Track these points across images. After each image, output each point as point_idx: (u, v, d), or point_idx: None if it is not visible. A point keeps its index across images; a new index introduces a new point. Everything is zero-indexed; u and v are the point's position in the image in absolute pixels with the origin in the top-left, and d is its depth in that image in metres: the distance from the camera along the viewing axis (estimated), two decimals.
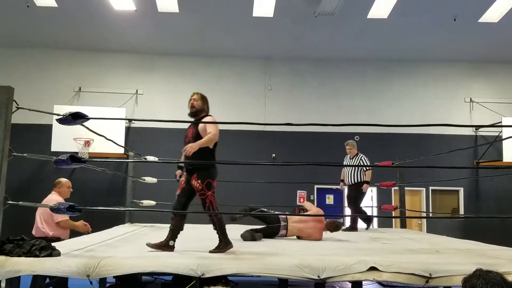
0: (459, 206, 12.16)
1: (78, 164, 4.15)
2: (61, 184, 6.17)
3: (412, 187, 11.20)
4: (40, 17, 10.81)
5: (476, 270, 2.28)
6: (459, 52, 12.14)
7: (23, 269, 3.40)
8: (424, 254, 4.44)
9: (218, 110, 11.90)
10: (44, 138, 10.33)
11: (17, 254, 3.52)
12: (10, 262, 3.42)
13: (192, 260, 3.59)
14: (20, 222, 9.50)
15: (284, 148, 11.81)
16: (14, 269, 3.39)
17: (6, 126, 3.60)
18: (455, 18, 10.74)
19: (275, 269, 3.60)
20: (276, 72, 12.47)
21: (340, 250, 4.72)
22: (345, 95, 12.36)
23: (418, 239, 6.34)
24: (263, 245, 5.18)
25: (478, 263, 3.05)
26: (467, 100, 12.48)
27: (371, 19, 10.82)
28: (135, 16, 10.78)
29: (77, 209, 3.86)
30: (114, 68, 12.25)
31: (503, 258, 4.20)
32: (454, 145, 8.47)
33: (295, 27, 11.16)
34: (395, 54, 12.29)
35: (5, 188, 3.60)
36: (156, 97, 12.10)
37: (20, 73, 11.78)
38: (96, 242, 4.83)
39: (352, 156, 8.00)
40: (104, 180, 11.19)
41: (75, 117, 4.02)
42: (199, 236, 5.95)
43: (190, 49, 12.17)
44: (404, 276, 3.57)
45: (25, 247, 3.58)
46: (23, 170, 11.08)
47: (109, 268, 3.44)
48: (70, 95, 11.91)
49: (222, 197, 10.51)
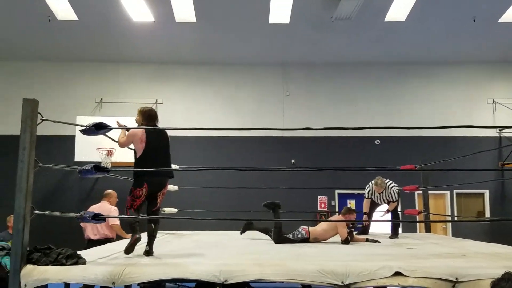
0: (484, 209, 11.90)
1: (102, 173, 4.22)
2: (111, 195, 7.41)
3: (436, 190, 11.01)
4: (61, 31, 11.08)
5: (505, 274, 2.24)
6: (479, 53, 11.95)
7: (50, 277, 3.47)
8: (450, 258, 4.35)
9: (237, 118, 12.04)
10: (68, 149, 10.55)
11: (44, 263, 3.59)
12: (38, 271, 3.49)
13: (215, 266, 3.60)
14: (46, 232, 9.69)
15: (303, 154, 11.79)
16: (42, 278, 3.46)
17: (31, 138, 3.68)
18: (474, 19, 10.57)
19: (298, 275, 3.57)
20: (293, 78, 12.48)
21: (364, 255, 4.66)
22: (363, 99, 12.29)
23: (443, 244, 6.22)
24: (285, 250, 5.16)
25: (506, 267, 2.98)
26: (490, 101, 12.26)
27: (388, 22, 10.75)
28: (153, 27, 10.95)
29: (101, 218, 3.92)
30: (133, 79, 12.45)
31: None
32: (477, 147, 8.34)
33: (312, 32, 11.16)
34: (414, 57, 12.17)
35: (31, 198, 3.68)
36: (175, 106, 12.24)
37: (44, 86, 12.07)
38: (121, 250, 4.88)
39: (380, 192, 7.32)
40: (126, 188, 11.22)
41: (98, 127, 4.09)
42: (223, 243, 5.96)
43: (208, 58, 12.29)
44: (430, 280, 3.50)
45: (51, 256, 3.65)
46: (47, 180, 11.32)
47: (134, 275, 3.48)
48: (92, 106, 12.14)
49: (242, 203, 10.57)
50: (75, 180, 11.51)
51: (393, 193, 7.31)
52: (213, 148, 11.84)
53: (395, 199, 7.35)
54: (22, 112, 3.71)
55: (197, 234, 7.70)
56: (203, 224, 9.45)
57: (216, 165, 9.72)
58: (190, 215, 8.84)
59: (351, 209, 6.57)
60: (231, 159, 11.39)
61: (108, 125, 4.16)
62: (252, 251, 5.02)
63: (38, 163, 3.79)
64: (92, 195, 11.62)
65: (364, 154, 11.78)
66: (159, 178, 4.64)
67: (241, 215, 6.69)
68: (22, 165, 3.61)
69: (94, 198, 11.43)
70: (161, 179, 4.67)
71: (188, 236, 7.32)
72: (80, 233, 8.25)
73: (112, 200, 7.35)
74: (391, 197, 7.32)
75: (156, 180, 4.60)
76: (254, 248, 5.35)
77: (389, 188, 7.30)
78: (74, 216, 3.88)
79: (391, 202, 7.37)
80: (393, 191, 7.31)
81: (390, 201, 7.35)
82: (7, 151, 11.07)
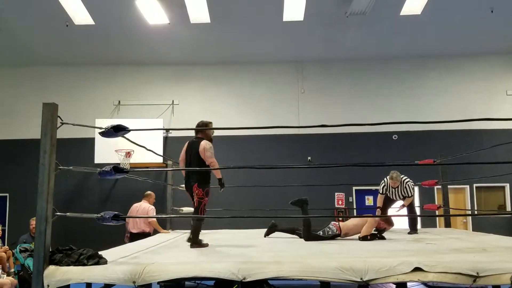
0: (505, 203, 11.68)
1: (121, 175, 4.28)
2: (150, 195, 8.54)
3: (455, 185, 10.85)
4: (79, 35, 11.26)
5: None
6: (498, 44, 11.72)
7: (72, 277, 3.54)
8: (470, 253, 4.31)
9: (253, 117, 12.07)
10: (87, 151, 10.72)
11: (66, 264, 3.66)
12: (60, 271, 3.56)
13: (234, 264, 3.63)
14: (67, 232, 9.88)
15: (320, 151, 11.74)
16: (64, 278, 3.53)
17: (52, 141, 3.76)
18: (492, 10, 10.36)
19: (316, 272, 3.57)
20: (309, 75, 12.44)
21: (383, 251, 4.64)
22: (379, 95, 12.17)
23: (463, 238, 6.14)
24: (303, 247, 5.17)
25: None
26: (510, 93, 12.02)
27: (404, 15, 10.62)
28: (169, 29, 11.04)
29: (121, 218, 3.99)
30: (150, 81, 12.57)
31: None
32: (497, 140, 8.18)
33: (326, 29, 11.10)
34: (431, 50, 12.00)
35: (53, 200, 3.76)
36: (191, 106, 12.32)
37: (62, 89, 12.29)
38: (140, 249, 4.96)
39: (395, 186, 7.29)
40: (145, 189, 11.44)
41: (116, 129, 4.16)
42: (240, 241, 5.99)
43: (223, 58, 12.34)
44: (451, 275, 3.47)
45: (73, 256, 3.72)
46: (68, 182, 11.53)
47: (153, 274, 3.53)
48: (110, 108, 12.31)
49: (259, 201, 10.58)
50: (96, 182, 11.69)
51: (409, 188, 7.25)
52: (229, 147, 11.88)
53: (411, 194, 7.29)
54: (42, 116, 3.78)
55: (216, 233, 7.77)
56: (221, 223, 9.52)
57: (233, 164, 9.75)
58: (208, 214, 8.90)
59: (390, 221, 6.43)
60: (247, 157, 11.42)
61: (126, 127, 4.22)
62: (270, 249, 5.03)
63: (59, 166, 3.87)
64: (112, 196, 11.81)
65: (381, 149, 11.66)
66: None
67: (258, 214, 6.71)
68: (43, 168, 3.69)
69: (115, 199, 11.65)
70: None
71: (206, 235, 7.37)
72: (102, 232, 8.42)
73: (150, 200, 8.45)
74: (406, 192, 7.26)
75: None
76: (272, 246, 5.37)
77: (404, 183, 7.25)
78: (94, 217, 3.95)
79: (407, 198, 7.30)
80: (409, 186, 7.25)
81: (405, 196, 7.29)
82: (29, 154, 11.34)
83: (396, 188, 7.28)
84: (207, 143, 5.45)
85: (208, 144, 5.44)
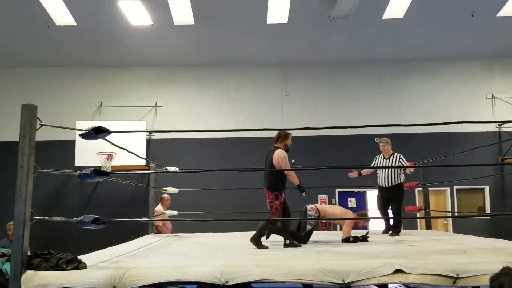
0: (485, 205, 11.89)
1: (102, 177, 4.23)
2: (163, 199, 8.70)
3: (436, 187, 10.99)
4: (60, 36, 11.10)
5: (503, 268, 2.24)
6: (478, 48, 11.94)
7: (51, 282, 3.47)
8: (450, 255, 4.36)
9: (236, 119, 12.05)
10: (68, 154, 10.58)
11: (44, 268, 3.59)
12: (38, 276, 3.49)
13: (216, 267, 3.61)
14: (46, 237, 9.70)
15: (303, 153, 11.77)
16: (43, 283, 3.46)
17: (30, 143, 3.69)
18: (472, 14, 10.57)
19: (298, 275, 3.58)
20: (293, 77, 12.49)
21: (364, 253, 4.67)
22: (363, 97, 12.29)
23: (444, 240, 6.22)
24: (286, 250, 5.17)
25: (506, 262, 2.97)
26: (489, 96, 12.25)
27: (386, 19, 10.75)
28: (152, 30, 10.97)
29: (101, 222, 3.93)
30: (133, 83, 12.47)
31: None
32: (477, 143, 8.33)
33: (310, 32, 11.17)
34: (413, 54, 12.16)
35: (31, 204, 3.68)
36: (175, 108, 12.26)
37: (43, 91, 12.10)
38: (121, 253, 4.90)
39: (388, 156, 7.20)
40: (127, 192, 11.36)
41: (97, 131, 4.10)
42: (224, 244, 5.97)
43: (207, 60, 12.30)
44: (431, 277, 3.51)
45: (52, 261, 3.65)
46: (48, 185, 11.34)
47: (134, 278, 3.49)
48: (92, 110, 12.16)
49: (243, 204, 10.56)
50: (76, 185, 11.53)
51: (403, 160, 7.15)
52: (213, 150, 11.86)
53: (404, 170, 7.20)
54: (21, 118, 3.72)
55: (198, 236, 7.71)
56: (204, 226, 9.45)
57: (216, 166, 9.72)
58: (191, 217, 8.86)
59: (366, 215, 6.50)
60: (231, 160, 11.40)
61: (107, 129, 4.17)
62: (253, 252, 5.02)
63: (38, 168, 3.80)
64: (93, 199, 11.65)
65: (364, 152, 11.70)
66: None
67: (242, 217, 6.69)
68: (22, 170, 3.62)
69: (96, 202, 11.50)
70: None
71: (189, 238, 7.34)
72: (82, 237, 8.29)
73: (164, 203, 8.64)
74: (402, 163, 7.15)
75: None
76: (255, 249, 5.36)
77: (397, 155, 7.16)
78: (74, 220, 3.89)
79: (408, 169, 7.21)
80: (402, 158, 7.15)
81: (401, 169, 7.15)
82: (9, 157, 11.12)
83: (388, 160, 7.18)
84: (282, 152, 5.71)
85: (282, 153, 5.71)
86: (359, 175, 7.53)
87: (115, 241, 6.20)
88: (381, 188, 7.33)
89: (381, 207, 7.41)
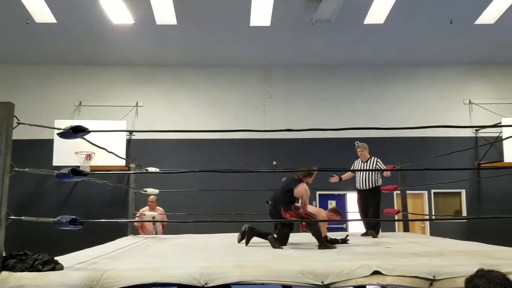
0: (461, 208, 12.13)
1: (80, 177, 4.16)
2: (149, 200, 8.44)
3: (414, 190, 11.18)
4: (40, 33, 10.91)
5: (478, 270, 2.28)
6: (456, 54, 12.20)
7: (26, 284, 3.39)
8: (427, 257, 4.43)
9: (218, 121, 12.02)
10: (46, 153, 10.39)
11: (20, 269, 3.51)
12: (14, 278, 3.41)
13: (195, 269, 3.59)
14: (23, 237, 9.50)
15: (285, 155, 11.84)
16: (18, 284, 3.38)
17: (7, 142, 3.61)
18: (451, 21, 10.79)
19: (278, 276, 3.58)
20: (275, 80, 12.53)
21: (343, 255, 4.71)
22: (344, 101, 12.41)
23: (421, 242, 6.31)
24: (266, 251, 5.18)
25: (481, 264, 3.03)
26: (466, 102, 12.51)
27: (367, 24, 10.89)
28: (134, 29, 10.87)
29: (79, 222, 3.87)
30: (113, 82, 12.32)
31: (506, 258, 4.19)
32: (454, 147, 8.50)
33: (293, 35, 11.23)
34: (393, 59, 12.35)
35: (7, 203, 3.60)
36: (156, 109, 12.17)
37: (21, 89, 11.86)
38: (99, 255, 4.83)
39: (365, 160, 7.53)
40: (106, 193, 11.22)
41: (76, 130, 4.04)
42: (204, 246, 5.94)
43: (189, 61, 12.25)
44: (408, 279, 3.55)
45: (28, 262, 3.57)
46: (24, 185, 11.11)
47: (112, 280, 3.43)
48: (71, 109, 11.98)
49: (224, 206, 10.53)
50: (53, 185, 11.32)
51: (380, 163, 7.44)
52: (195, 151, 11.80)
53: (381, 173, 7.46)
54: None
55: (178, 238, 7.66)
56: (184, 228, 9.40)
57: (198, 167, 9.68)
58: (171, 218, 8.80)
59: (338, 210, 6.58)
60: (213, 161, 11.37)
61: (86, 128, 4.11)
62: (233, 253, 5.01)
63: (14, 167, 3.72)
64: (71, 200, 11.46)
65: (345, 155, 11.81)
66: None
67: (222, 218, 6.66)
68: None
69: (74, 203, 11.31)
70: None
71: (168, 240, 7.27)
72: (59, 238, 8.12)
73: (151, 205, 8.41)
74: (380, 166, 7.42)
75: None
76: (235, 250, 5.35)
77: (375, 159, 7.47)
78: (51, 221, 3.82)
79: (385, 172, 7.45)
80: (379, 162, 7.44)
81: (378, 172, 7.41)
82: None
83: (366, 163, 7.44)
84: (307, 188, 5.93)
85: (307, 189, 5.94)
86: (340, 180, 7.78)
87: (93, 242, 6.11)
88: (360, 191, 7.57)
89: (361, 209, 7.59)
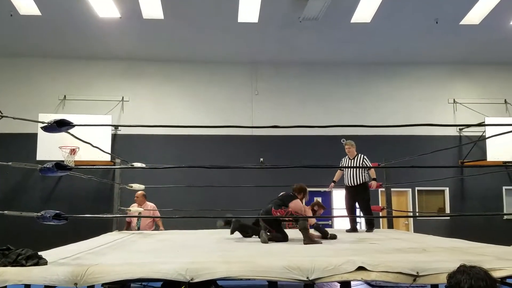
0: (445, 206, 12.30)
1: (64, 172, 4.12)
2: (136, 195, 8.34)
3: (398, 188, 11.29)
4: (24, 26, 10.72)
5: (460, 266, 2.32)
6: (441, 54, 12.33)
7: (9, 278, 3.35)
8: (411, 253, 4.49)
9: (206, 117, 11.98)
10: (29, 147, 10.22)
11: (3, 264, 3.47)
12: None
13: (181, 264, 3.58)
14: (7, 232, 9.37)
15: (272, 152, 11.86)
16: (1, 279, 3.34)
17: None
18: (437, 21, 10.90)
19: (264, 272, 3.59)
20: (263, 76, 12.53)
21: (329, 251, 4.75)
22: (331, 98, 12.47)
23: (405, 239, 6.40)
24: (252, 247, 5.19)
25: (464, 260, 3.09)
26: (451, 101, 12.68)
27: (354, 23, 10.94)
28: (120, 23, 10.75)
29: (63, 217, 3.83)
30: (99, 76, 12.18)
31: (488, 255, 4.26)
32: (439, 146, 8.59)
33: (280, 32, 11.23)
34: (379, 57, 12.44)
35: None
36: (142, 103, 12.07)
37: (4, 82, 11.66)
38: (84, 250, 4.79)
39: (352, 157, 7.66)
40: (91, 188, 11.11)
41: (60, 124, 3.99)
42: (190, 242, 5.93)
43: (176, 56, 12.17)
44: (392, 275, 3.59)
45: (11, 256, 3.53)
46: (7, 180, 10.95)
47: (97, 275, 3.41)
48: (55, 103, 11.81)
49: (210, 202, 10.52)
50: (37, 179, 11.18)
51: (366, 160, 7.60)
52: (181, 146, 11.74)
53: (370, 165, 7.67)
54: None
55: (164, 234, 7.63)
56: (170, 223, 9.38)
57: (185, 163, 9.63)
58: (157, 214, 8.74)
59: (321, 203, 6.69)
60: (199, 157, 11.34)
61: (70, 122, 4.06)
62: (219, 248, 5.01)
63: None
64: (55, 194, 11.32)
65: (331, 152, 11.90)
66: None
67: (208, 214, 6.66)
68: None
69: (58, 197, 11.18)
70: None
71: (154, 235, 7.24)
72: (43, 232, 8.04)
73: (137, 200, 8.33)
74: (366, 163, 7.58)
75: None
76: (221, 246, 5.35)
77: (362, 157, 7.63)
78: (34, 215, 3.77)
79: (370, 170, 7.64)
80: (366, 159, 7.61)
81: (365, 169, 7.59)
82: None
83: (353, 160, 7.60)
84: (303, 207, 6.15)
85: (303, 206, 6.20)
86: (334, 183, 8.04)
87: (77, 237, 6.06)
88: (347, 187, 7.70)
89: (348, 206, 7.74)
